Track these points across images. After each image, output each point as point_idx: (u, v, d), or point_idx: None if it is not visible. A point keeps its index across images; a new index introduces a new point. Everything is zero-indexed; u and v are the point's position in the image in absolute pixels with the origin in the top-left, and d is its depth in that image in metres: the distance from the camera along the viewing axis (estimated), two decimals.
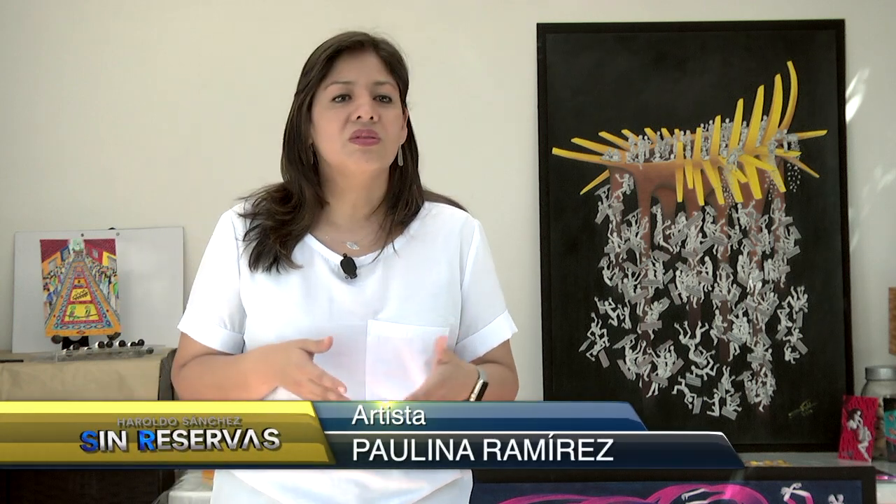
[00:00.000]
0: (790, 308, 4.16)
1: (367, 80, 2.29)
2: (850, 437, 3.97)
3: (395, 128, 2.30)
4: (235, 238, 2.30)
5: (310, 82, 2.30)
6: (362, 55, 2.32)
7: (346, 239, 2.30)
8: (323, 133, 2.28)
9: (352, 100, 2.27)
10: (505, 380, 2.36)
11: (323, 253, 2.28)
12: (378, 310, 2.24)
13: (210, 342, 2.30)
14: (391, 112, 2.30)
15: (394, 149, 2.31)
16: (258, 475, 2.23)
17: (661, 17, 4.22)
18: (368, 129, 2.25)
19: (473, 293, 2.34)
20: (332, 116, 2.26)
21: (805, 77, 4.20)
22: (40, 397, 3.54)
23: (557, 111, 4.18)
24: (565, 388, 4.13)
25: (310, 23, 3.97)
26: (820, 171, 4.19)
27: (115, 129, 4.19)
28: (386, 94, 2.30)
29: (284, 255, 2.26)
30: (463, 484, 2.33)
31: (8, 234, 4.13)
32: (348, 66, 2.30)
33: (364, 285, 2.26)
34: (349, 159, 2.25)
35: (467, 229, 2.37)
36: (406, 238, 2.31)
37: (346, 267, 2.26)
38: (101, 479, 3.59)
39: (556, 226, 4.16)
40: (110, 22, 4.20)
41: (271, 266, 2.26)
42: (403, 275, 2.28)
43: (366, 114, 2.25)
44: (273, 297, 2.25)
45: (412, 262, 2.29)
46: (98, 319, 3.94)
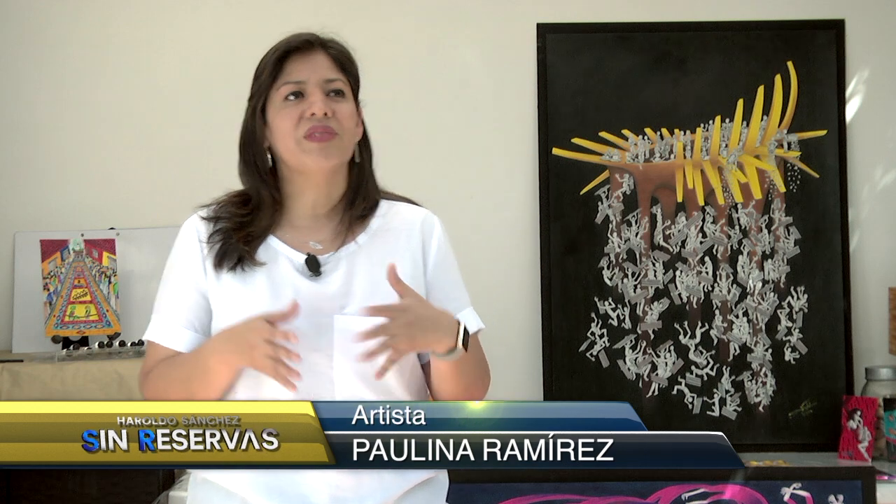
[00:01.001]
0: (790, 308, 4.16)
1: (319, 78, 2.31)
2: (850, 437, 3.98)
3: (350, 122, 2.31)
4: (200, 241, 2.32)
5: (261, 85, 2.32)
6: (311, 54, 2.34)
7: (307, 238, 2.32)
8: (278, 132, 2.30)
9: (304, 98, 2.29)
10: (480, 361, 2.35)
11: (286, 253, 2.30)
12: (344, 305, 2.25)
13: (177, 345, 2.30)
14: (345, 107, 2.31)
15: (351, 143, 2.33)
16: (231, 475, 2.23)
17: (661, 17, 4.22)
18: (323, 125, 2.27)
19: (437, 286, 2.35)
20: (286, 115, 2.28)
21: (805, 77, 4.20)
22: (40, 397, 3.54)
23: (557, 111, 4.18)
24: (565, 388, 4.13)
25: (310, 23, 3.96)
26: (820, 171, 4.19)
27: (116, 129, 4.19)
28: (339, 90, 2.32)
29: (248, 253, 2.27)
30: (437, 483, 2.33)
31: (8, 234, 4.13)
32: (298, 65, 2.32)
33: (328, 281, 2.27)
34: (307, 157, 2.27)
35: (427, 225, 2.38)
36: (368, 234, 2.33)
37: (310, 265, 2.28)
38: (101, 479, 3.59)
39: (556, 226, 4.16)
40: (110, 22, 4.20)
41: (236, 265, 2.27)
42: (367, 270, 2.29)
43: (319, 110, 2.27)
44: (240, 297, 2.26)
45: (375, 258, 2.30)
46: (98, 319, 3.94)
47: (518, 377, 4.12)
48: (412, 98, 4.20)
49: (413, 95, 4.20)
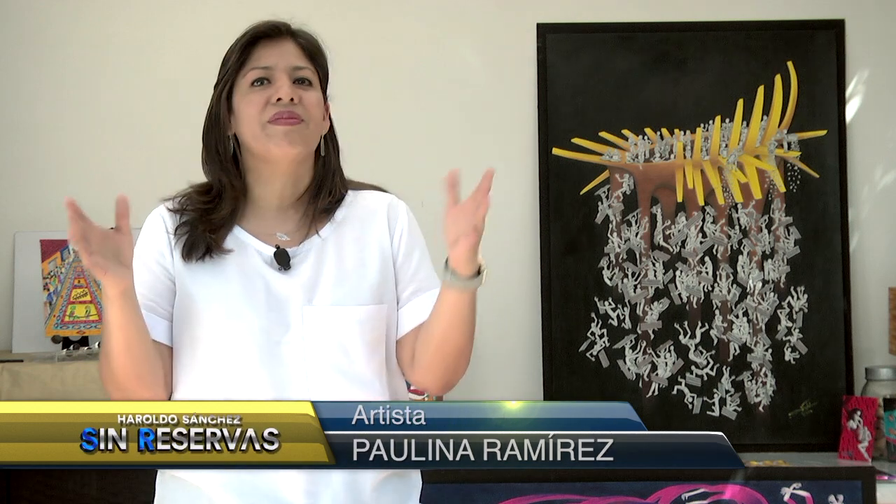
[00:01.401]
0: (790, 308, 4.16)
1: (286, 65, 2.29)
2: (850, 437, 3.98)
3: (317, 111, 2.29)
4: (167, 231, 2.30)
5: (228, 70, 2.32)
6: (280, 41, 2.33)
7: (274, 230, 2.31)
8: (243, 118, 2.28)
9: (271, 84, 2.28)
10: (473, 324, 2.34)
11: (254, 245, 2.29)
12: (311, 297, 2.25)
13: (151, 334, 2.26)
14: (312, 95, 2.29)
15: (317, 132, 2.30)
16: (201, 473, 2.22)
17: (661, 17, 4.22)
18: (289, 111, 2.25)
19: (407, 266, 2.35)
20: (252, 100, 2.27)
21: (805, 77, 4.20)
22: (40, 397, 3.54)
23: (557, 111, 4.18)
24: (565, 388, 4.13)
25: (310, 23, 3.96)
26: (820, 171, 4.19)
27: (116, 129, 4.19)
28: (306, 78, 2.31)
29: (214, 241, 2.26)
30: (409, 479, 2.33)
31: (8, 234, 4.13)
32: (266, 51, 2.31)
33: (297, 273, 2.27)
34: (270, 142, 2.25)
35: (393, 209, 2.37)
36: (333, 225, 2.32)
37: (279, 258, 2.27)
38: (101, 479, 3.59)
39: (556, 226, 4.16)
40: (110, 22, 4.20)
41: (205, 255, 2.26)
42: (334, 259, 2.29)
43: (286, 95, 2.26)
44: (211, 286, 2.25)
45: (342, 246, 2.30)
46: (98, 319, 3.94)
47: (518, 377, 4.12)
48: (412, 98, 4.20)
49: (413, 95, 4.20)
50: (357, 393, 2.24)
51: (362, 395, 2.25)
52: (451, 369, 2.31)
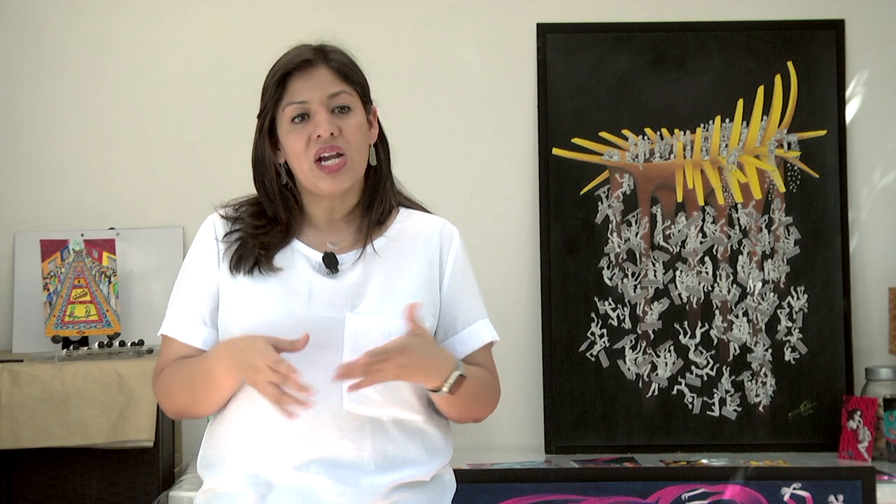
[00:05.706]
0: (790, 308, 4.16)
1: (322, 96, 2.32)
2: (849, 437, 3.97)
3: (358, 137, 2.33)
4: (216, 238, 2.34)
5: (266, 105, 2.35)
6: (313, 71, 2.34)
7: (326, 239, 2.35)
8: (290, 153, 2.33)
9: (310, 118, 2.31)
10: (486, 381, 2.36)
11: (305, 252, 2.32)
12: (356, 304, 2.27)
13: (192, 340, 2.32)
14: (352, 121, 2.33)
15: (361, 158, 2.34)
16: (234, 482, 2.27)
17: (661, 17, 4.22)
18: (331, 145, 2.29)
19: (453, 295, 2.37)
20: (295, 138, 2.31)
21: (805, 77, 4.20)
22: (40, 397, 3.54)
23: (557, 111, 4.18)
24: (565, 388, 4.13)
25: (310, 23, 3.95)
26: (820, 171, 4.19)
27: (115, 129, 4.19)
28: (344, 105, 2.34)
29: (264, 257, 2.30)
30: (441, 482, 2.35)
31: (8, 234, 4.13)
32: (301, 84, 2.33)
33: (344, 280, 2.29)
34: (319, 182, 2.31)
35: (446, 233, 2.41)
36: (385, 239, 2.35)
37: (327, 262, 2.31)
38: (101, 479, 3.59)
39: (556, 226, 4.16)
40: (111, 22, 4.20)
41: (252, 269, 2.30)
42: (383, 272, 2.31)
43: (325, 132, 2.29)
44: (253, 297, 2.28)
45: (391, 262, 2.33)
46: (98, 319, 3.93)
47: (518, 377, 4.12)
48: (412, 98, 4.20)
49: (413, 95, 4.20)
50: (390, 404, 2.26)
51: (396, 406, 2.26)
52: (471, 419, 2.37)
